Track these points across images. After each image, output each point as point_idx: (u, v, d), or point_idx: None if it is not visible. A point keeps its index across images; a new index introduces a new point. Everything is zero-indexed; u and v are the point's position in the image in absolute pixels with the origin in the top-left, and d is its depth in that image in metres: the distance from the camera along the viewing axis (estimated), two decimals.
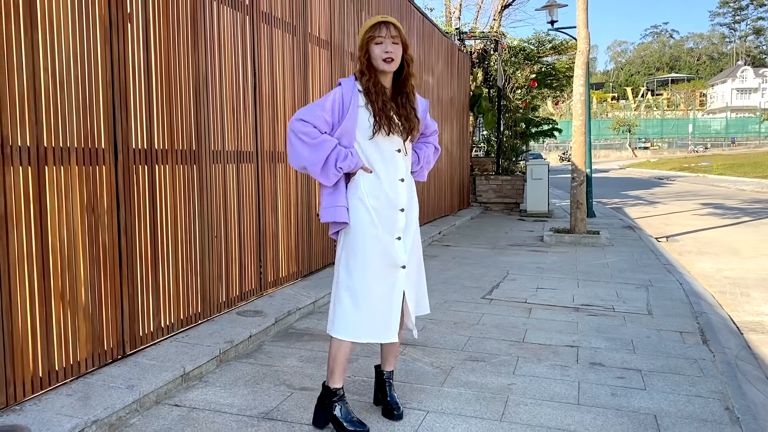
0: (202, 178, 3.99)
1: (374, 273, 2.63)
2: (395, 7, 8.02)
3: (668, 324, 4.56)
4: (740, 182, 23.35)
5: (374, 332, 2.66)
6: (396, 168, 2.68)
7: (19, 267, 2.71)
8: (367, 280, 2.62)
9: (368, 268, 2.62)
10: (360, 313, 2.63)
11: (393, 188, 2.66)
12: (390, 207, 2.66)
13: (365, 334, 2.65)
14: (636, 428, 2.82)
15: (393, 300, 2.67)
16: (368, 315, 2.63)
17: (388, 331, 2.66)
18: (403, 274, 2.68)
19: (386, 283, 2.65)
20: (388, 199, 2.65)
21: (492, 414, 2.96)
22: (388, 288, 2.65)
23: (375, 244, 2.63)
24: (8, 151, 2.64)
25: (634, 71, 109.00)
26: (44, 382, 2.83)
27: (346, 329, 2.65)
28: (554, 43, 17.84)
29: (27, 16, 2.72)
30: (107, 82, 3.19)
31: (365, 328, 2.64)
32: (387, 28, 2.58)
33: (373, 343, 2.73)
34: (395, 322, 2.68)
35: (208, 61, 4.02)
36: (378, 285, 2.64)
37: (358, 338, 2.65)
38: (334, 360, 2.69)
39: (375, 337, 2.66)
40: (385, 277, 2.65)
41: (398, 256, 2.66)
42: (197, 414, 2.91)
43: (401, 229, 2.69)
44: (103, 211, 3.17)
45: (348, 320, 2.64)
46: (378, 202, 2.64)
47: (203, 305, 4.02)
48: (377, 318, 2.65)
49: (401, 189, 2.68)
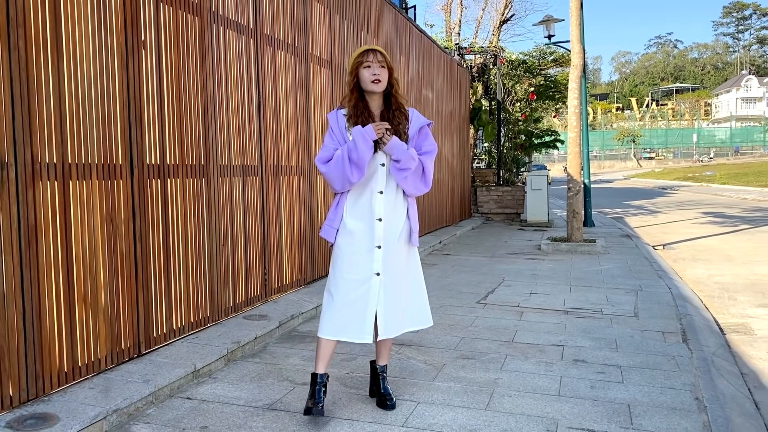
0: (210, 190, 4.29)
1: (346, 280, 2.98)
2: (394, 26, 8.35)
3: (652, 325, 4.80)
4: (743, 191, 23.51)
5: (346, 332, 2.98)
6: (377, 181, 2.99)
7: (47, 273, 3.01)
8: (340, 286, 2.98)
9: (341, 277, 2.98)
10: (334, 315, 2.98)
11: (372, 199, 2.99)
12: (368, 217, 2.99)
13: (338, 334, 2.98)
14: (610, 416, 3.07)
15: (368, 305, 2.98)
16: (341, 317, 2.97)
17: (362, 332, 2.98)
18: (377, 282, 2.98)
19: (359, 289, 2.97)
20: (367, 208, 2.98)
21: (478, 404, 3.22)
22: (361, 294, 2.97)
23: (347, 256, 2.99)
24: (38, 168, 2.95)
25: (638, 81, 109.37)
26: (69, 376, 3.12)
27: (321, 328, 3.01)
28: (556, 56, 18.19)
29: (54, 48, 3.04)
30: (124, 103, 3.50)
31: (338, 328, 2.98)
32: (374, 55, 2.95)
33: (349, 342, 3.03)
34: (368, 325, 2.98)
35: (216, 81, 4.34)
36: (350, 291, 2.97)
37: (331, 336, 2.99)
38: (317, 351, 3.05)
39: (348, 336, 2.99)
40: (357, 284, 2.97)
41: (370, 266, 2.97)
42: (207, 405, 3.19)
43: (380, 237, 2.98)
44: (120, 221, 3.47)
45: (324, 320, 3.01)
46: (356, 215, 2.99)
47: (212, 309, 4.31)
48: (350, 320, 2.97)
49: (379, 200, 2.99)
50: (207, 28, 4.25)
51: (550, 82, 17.85)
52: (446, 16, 17.49)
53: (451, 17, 17.48)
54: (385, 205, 3.00)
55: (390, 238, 3.01)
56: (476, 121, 14.45)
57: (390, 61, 2.99)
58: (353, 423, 2.98)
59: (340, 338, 3.01)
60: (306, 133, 5.66)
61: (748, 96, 78.48)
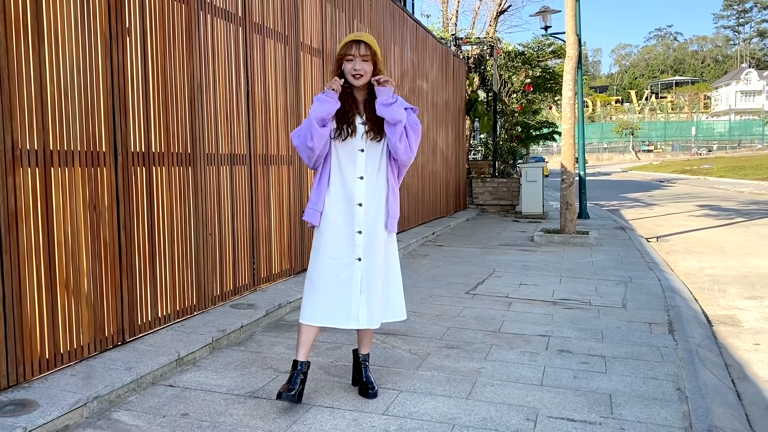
0: (197, 179, 4.28)
1: (328, 265, 2.98)
2: (387, 16, 8.31)
3: (639, 316, 4.81)
4: (740, 184, 23.52)
5: (330, 318, 2.99)
6: (356, 166, 3.00)
7: (28, 259, 3.00)
8: (323, 272, 2.98)
9: (323, 262, 2.99)
10: (316, 301, 2.99)
11: (352, 184, 2.99)
12: (348, 201, 3.00)
13: (321, 320, 2.99)
14: (590, 405, 3.08)
15: (351, 290, 2.98)
16: (324, 303, 2.98)
17: (348, 318, 2.99)
18: (360, 267, 2.99)
19: (342, 275, 2.98)
20: (347, 193, 2.99)
21: (459, 393, 3.22)
22: (344, 279, 2.98)
23: (329, 241, 2.99)
24: (18, 154, 2.93)
25: (638, 74, 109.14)
26: (50, 363, 3.12)
27: (303, 314, 3.02)
28: (555, 47, 18.13)
29: (35, 32, 3.02)
30: (108, 90, 3.48)
31: (321, 315, 2.99)
32: (357, 47, 2.92)
33: (336, 328, 3.04)
34: (354, 310, 2.99)
35: (203, 69, 4.32)
36: (333, 277, 2.97)
37: (314, 322, 3.00)
38: (298, 338, 3.06)
39: (333, 322, 3.00)
40: (339, 269, 2.98)
41: (352, 251, 2.98)
42: (189, 393, 3.19)
43: (361, 222, 3.00)
44: (104, 209, 3.46)
45: (306, 307, 3.01)
46: (337, 200, 3.00)
47: (198, 298, 4.30)
48: (334, 306, 2.98)
49: (359, 185, 2.99)
50: (194, 16, 4.23)
51: (548, 74, 17.81)
52: (443, 7, 17.42)
53: (448, 8, 17.40)
54: (365, 191, 3.00)
55: (370, 224, 3.02)
56: (472, 112, 14.42)
57: (377, 51, 2.96)
58: (334, 411, 2.99)
59: (324, 324, 3.02)
60: (296, 122, 5.64)
61: (747, 89, 78.35)
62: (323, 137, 2.92)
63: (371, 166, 3.02)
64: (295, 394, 2.93)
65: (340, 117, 3.00)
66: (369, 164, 3.02)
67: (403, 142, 2.96)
